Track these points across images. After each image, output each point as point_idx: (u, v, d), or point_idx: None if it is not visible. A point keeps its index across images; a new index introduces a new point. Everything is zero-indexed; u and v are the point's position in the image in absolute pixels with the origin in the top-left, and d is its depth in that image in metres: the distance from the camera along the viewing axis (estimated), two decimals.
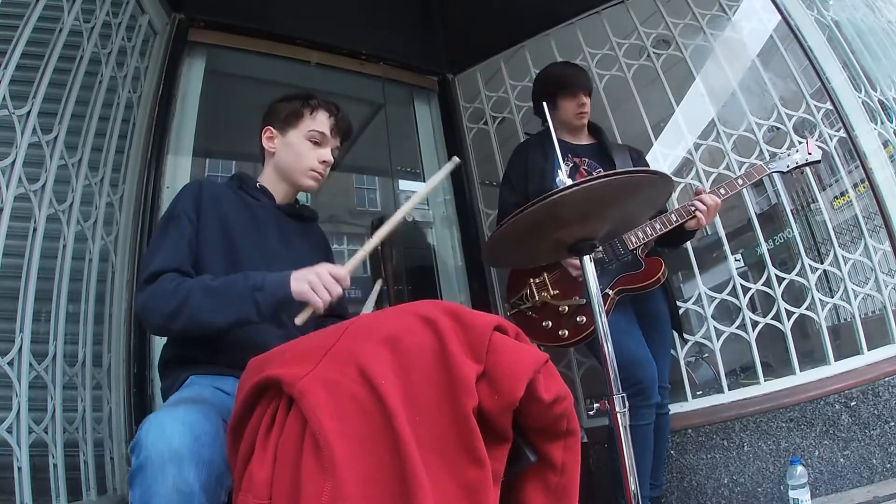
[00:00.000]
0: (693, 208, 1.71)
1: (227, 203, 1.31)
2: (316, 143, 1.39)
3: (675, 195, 2.28)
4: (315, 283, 1.10)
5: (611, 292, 1.74)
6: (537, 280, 1.82)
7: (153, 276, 1.13)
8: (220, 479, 0.86)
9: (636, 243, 1.76)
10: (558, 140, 1.90)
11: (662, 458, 1.87)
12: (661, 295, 1.89)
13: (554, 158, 1.83)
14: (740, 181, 1.77)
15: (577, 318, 1.74)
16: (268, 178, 1.42)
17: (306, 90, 1.45)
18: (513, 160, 2.06)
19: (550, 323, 1.78)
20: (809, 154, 1.78)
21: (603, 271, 1.76)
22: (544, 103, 1.55)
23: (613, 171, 1.10)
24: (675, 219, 1.73)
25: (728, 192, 1.75)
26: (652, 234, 1.74)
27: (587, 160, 1.93)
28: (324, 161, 1.39)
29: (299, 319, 1.12)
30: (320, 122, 1.39)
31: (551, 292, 1.79)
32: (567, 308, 1.76)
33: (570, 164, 1.91)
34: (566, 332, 1.74)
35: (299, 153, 1.38)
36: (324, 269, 1.13)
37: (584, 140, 2.01)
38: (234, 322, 1.10)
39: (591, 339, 1.72)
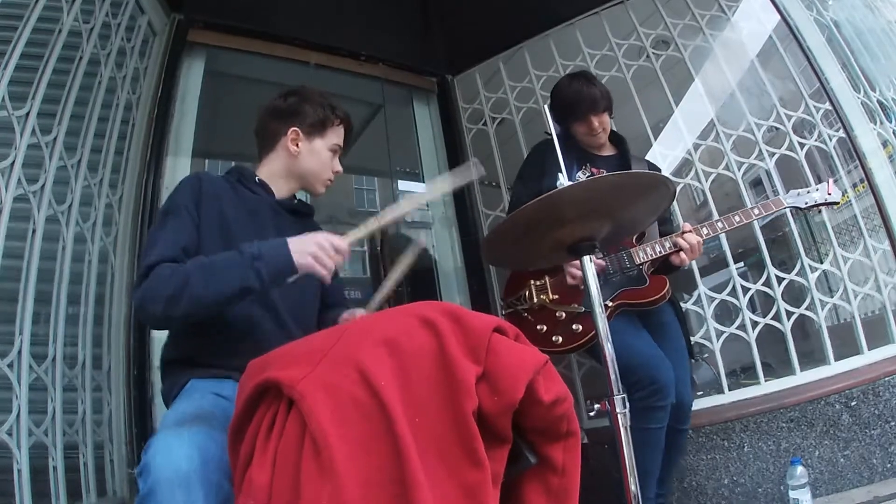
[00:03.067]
0: (675, 243, 1.69)
1: (226, 197, 1.31)
2: (334, 154, 1.45)
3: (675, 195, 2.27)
4: (319, 255, 1.12)
5: (610, 304, 1.71)
6: (538, 282, 1.80)
7: (149, 269, 1.11)
8: (228, 502, 0.85)
9: (643, 259, 1.73)
10: (579, 148, 1.92)
11: (673, 468, 1.85)
12: (670, 307, 1.86)
13: (569, 162, 1.82)
14: (756, 211, 1.74)
15: (573, 326, 1.70)
16: (270, 173, 1.42)
17: (330, 102, 1.47)
18: (531, 157, 2.02)
19: (545, 327, 1.75)
20: (829, 194, 1.76)
21: (606, 282, 1.72)
22: (548, 111, 1.54)
23: (611, 174, 1.10)
24: (658, 250, 1.71)
25: (710, 232, 1.72)
26: (661, 252, 1.71)
27: (605, 171, 1.87)
28: (337, 171, 1.47)
29: (292, 279, 1.14)
30: (340, 135, 1.46)
31: (550, 296, 1.76)
32: (564, 314, 1.73)
33: (588, 174, 1.88)
34: (560, 339, 1.71)
35: (324, 163, 1.44)
36: (324, 239, 1.14)
37: (606, 151, 1.96)
38: (238, 292, 1.08)
39: (592, 346, 1.70)
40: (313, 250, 1.11)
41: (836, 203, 1.78)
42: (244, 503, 0.73)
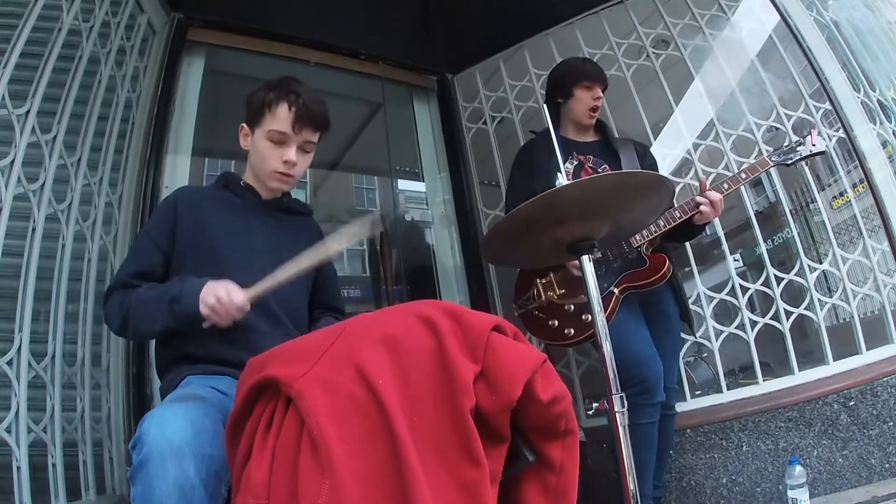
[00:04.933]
0: (696, 203, 1.70)
1: (209, 207, 1.32)
2: (279, 142, 1.30)
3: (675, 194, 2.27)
4: (216, 307, 1.11)
5: (616, 290, 1.74)
6: (544, 280, 1.82)
7: (109, 292, 1.26)
8: (219, 475, 0.86)
9: (640, 241, 1.76)
10: (563, 137, 1.94)
11: (666, 458, 1.87)
12: (670, 294, 1.89)
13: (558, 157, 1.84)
14: (743, 175, 1.77)
15: (583, 317, 1.74)
16: (250, 176, 1.41)
17: (281, 78, 1.36)
18: (518, 160, 2.05)
19: (557, 322, 1.78)
20: (814, 145, 1.76)
21: (608, 269, 1.76)
22: (545, 106, 1.54)
23: (611, 172, 1.10)
24: (678, 215, 1.72)
25: (731, 186, 1.75)
26: (656, 231, 1.74)
27: (592, 158, 1.92)
28: (286, 161, 1.30)
29: (206, 324, 1.14)
30: (279, 118, 1.29)
31: (557, 292, 1.79)
32: (573, 307, 1.77)
33: (575, 163, 1.91)
34: (572, 331, 1.75)
35: (261, 155, 1.32)
36: (224, 291, 1.12)
37: (589, 137, 2.00)
38: (162, 330, 1.17)
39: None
40: (211, 302, 1.11)
41: (823, 152, 1.80)
42: (243, 500, 0.73)
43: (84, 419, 1.64)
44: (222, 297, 1.10)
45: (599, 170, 1.89)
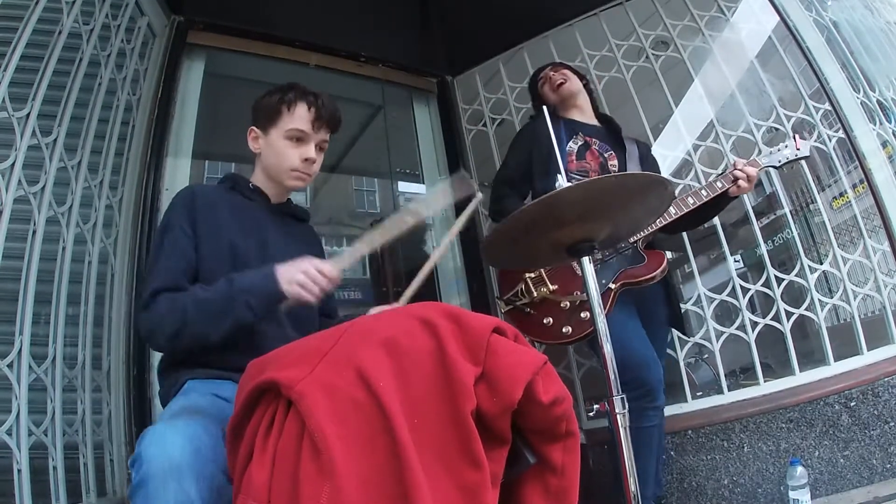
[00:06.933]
0: (735, 177, 1.73)
1: (222, 207, 1.30)
2: (297, 141, 1.34)
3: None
4: (306, 283, 1.12)
5: (613, 286, 1.69)
6: (533, 275, 1.74)
7: (151, 298, 1.15)
8: (220, 493, 0.85)
9: (636, 236, 1.74)
10: (567, 119, 1.96)
11: (661, 457, 1.87)
12: (662, 295, 1.88)
13: (561, 138, 1.86)
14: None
15: (581, 315, 1.66)
16: (259, 179, 1.40)
17: (290, 83, 1.39)
18: (520, 137, 2.08)
19: (552, 320, 1.70)
20: (798, 150, 1.79)
21: (604, 265, 1.73)
22: (545, 108, 1.54)
23: (611, 175, 1.10)
24: (674, 212, 1.72)
25: (725, 185, 1.75)
26: (651, 227, 1.72)
27: (598, 141, 1.93)
28: (306, 159, 1.34)
29: (284, 306, 1.14)
30: (299, 118, 1.33)
31: (550, 287, 1.71)
32: (569, 304, 1.69)
33: (580, 142, 1.90)
34: (570, 329, 1.67)
35: (280, 153, 1.34)
36: (310, 265, 1.13)
37: (594, 121, 2.01)
38: (234, 328, 1.12)
39: (595, 337, 1.70)
40: (300, 279, 1.11)
41: (807, 157, 1.83)
42: (244, 502, 0.73)
43: (85, 422, 1.64)
44: (311, 271, 1.12)
45: (605, 154, 1.89)
